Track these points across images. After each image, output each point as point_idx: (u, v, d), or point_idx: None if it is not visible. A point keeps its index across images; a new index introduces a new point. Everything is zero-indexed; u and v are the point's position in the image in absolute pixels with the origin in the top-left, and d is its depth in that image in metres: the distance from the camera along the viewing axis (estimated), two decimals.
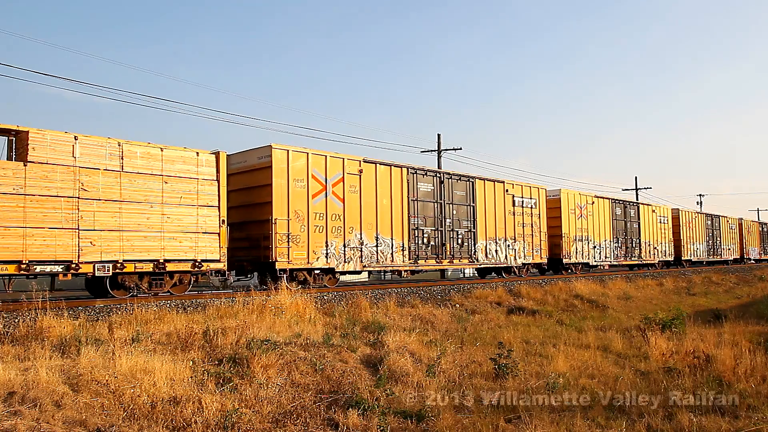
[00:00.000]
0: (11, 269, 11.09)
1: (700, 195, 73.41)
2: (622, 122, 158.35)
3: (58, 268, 11.64)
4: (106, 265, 12.16)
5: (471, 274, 28.02)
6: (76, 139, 12.06)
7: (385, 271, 19.19)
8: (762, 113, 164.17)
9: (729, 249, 44.99)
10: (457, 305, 15.73)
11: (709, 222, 41.75)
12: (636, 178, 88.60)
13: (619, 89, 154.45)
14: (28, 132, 11.46)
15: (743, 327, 13.65)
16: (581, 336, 12.79)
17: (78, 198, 11.91)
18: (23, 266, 11.13)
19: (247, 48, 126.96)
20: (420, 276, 23.63)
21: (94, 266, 12.02)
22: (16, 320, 9.10)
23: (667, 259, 35.07)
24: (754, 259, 50.18)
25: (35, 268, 11.32)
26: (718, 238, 43.07)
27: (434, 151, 33.92)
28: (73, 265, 11.79)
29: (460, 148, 34.09)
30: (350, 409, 7.36)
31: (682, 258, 36.86)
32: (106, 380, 6.95)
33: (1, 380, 6.53)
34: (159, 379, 7.17)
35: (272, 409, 7.31)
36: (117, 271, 12.36)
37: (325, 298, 13.88)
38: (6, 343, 8.17)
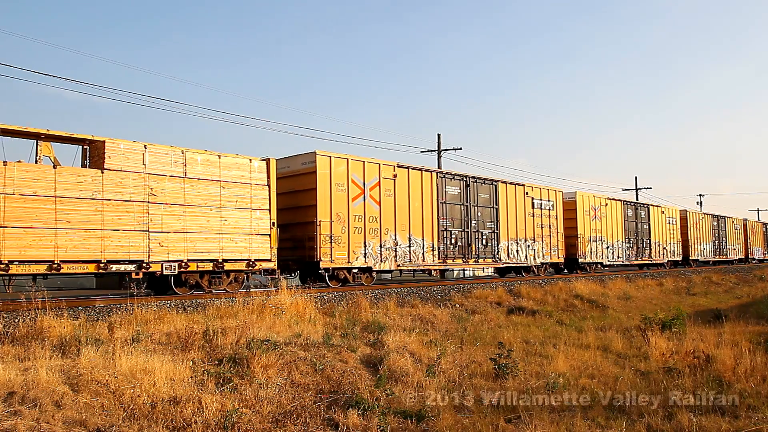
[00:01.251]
0: (91, 268, 12.13)
1: (701, 195, 73.46)
2: (622, 122, 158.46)
3: (131, 267, 12.64)
4: (172, 264, 13.20)
5: (491, 273, 28.77)
6: (145, 148, 13.02)
7: (416, 270, 19.91)
8: (762, 113, 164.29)
9: (734, 249, 46.05)
10: (457, 305, 15.73)
11: (715, 223, 42.61)
12: (636, 178, 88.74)
13: (619, 89, 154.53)
14: (104, 142, 12.40)
15: (743, 327, 13.65)
16: (581, 336, 12.79)
17: (148, 202, 12.91)
18: (102, 265, 12.15)
19: (247, 48, 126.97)
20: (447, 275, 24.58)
21: (162, 265, 13.02)
22: (16, 320, 9.10)
23: (675, 258, 36.05)
24: (758, 259, 50.94)
25: (112, 267, 12.33)
26: (724, 239, 44.05)
27: (434, 151, 33.93)
28: (144, 264, 12.77)
29: (460, 148, 34.16)
30: (350, 409, 7.36)
31: (690, 258, 37.81)
32: (106, 380, 6.95)
33: (1, 380, 6.53)
34: (159, 379, 7.17)
35: (272, 409, 7.31)
36: (182, 270, 13.39)
37: (325, 298, 13.88)
38: (6, 343, 8.17)
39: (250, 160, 14.81)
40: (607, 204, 29.38)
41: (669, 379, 9.04)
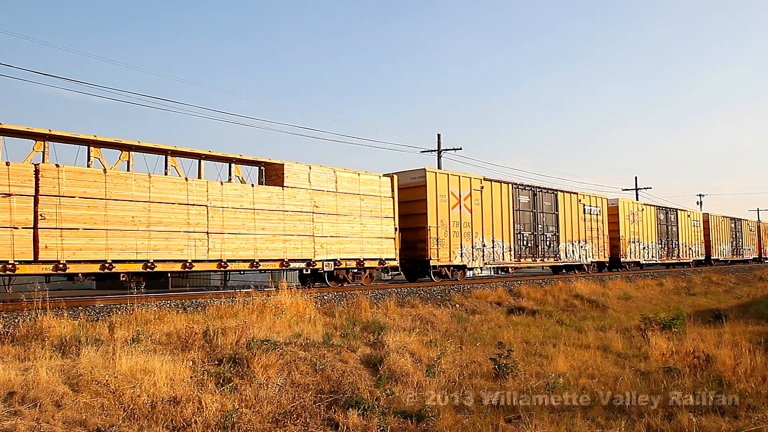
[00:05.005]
0: (277, 265, 15.22)
1: (700, 195, 73.35)
2: (622, 122, 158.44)
3: (302, 265, 15.75)
4: (330, 262, 16.39)
5: (546, 270, 31.29)
6: (310, 168, 16.10)
7: (498, 268, 23.02)
8: (762, 113, 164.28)
9: (749, 249, 49.86)
10: (457, 305, 15.73)
11: (733, 225, 46.53)
12: (636, 178, 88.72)
13: (619, 89, 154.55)
14: (282, 165, 15.49)
15: (743, 327, 13.63)
16: (581, 336, 12.78)
17: (312, 212, 15.98)
18: (284, 263, 15.30)
19: (247, 48, 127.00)
20: (518, 272, 27.39)
21: (323, 263, 16.20)
22: (16, 320, 9.09)
23: (699, 258, 39.79)
24: None
25: (291, 265, 15.46)
26: (740, 240, 47.77)
27: (434, 151, 33.93)
28: (311, 262, 15.90)
29: (460, 148, 34.24)
30: (350, 409, 7.36)
31: (711, 257, 41.60)
32: (106, 380, 6.94)
33: (1, 380, 6.52)
34: (159, 379, 7.16)
35: (272, 409, 7.31)
36: (336, 267, 16.56)
37: (325, 298, 13.89)
38: (6, 343, 8.17)
39: (380, 176, 18.10)
40: (642, 209, 33.00)
41: (669, 379, 9.04)
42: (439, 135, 34.20)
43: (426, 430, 7.17)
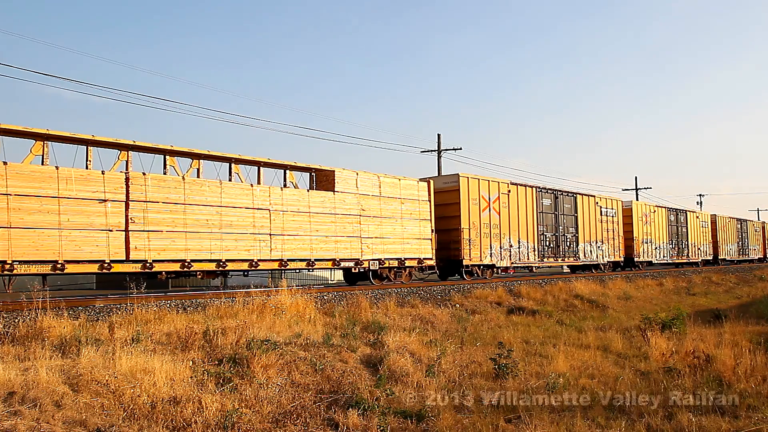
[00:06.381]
0: (329, 264, 16.56)
1: (700, 195, 73.46)
2: (622, 122, 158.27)
3: (351, 264, 16.97)
4: (375, 261, 17.61)
5: (565, 270, 32.38)
6: (357, 174, 17.34)
7: (523, 267, 24.19)
8: (762, 113, 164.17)
9: (754, 249, 52.00)
10: (457, 305, 15.73)
11: (739, 226, 47.80)
12: (636, 178, 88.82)
13: (619, 89, 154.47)
14: (333, 171, 16.70)
15: (743, 327, 13.62)
16: (581, 336, 12.79)
17: (360, 215, 17.17)
18: (336, 262, 16.53)
19: (247, 48, 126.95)
20: (542, 270, 29.52)
21: (369, 262, 17.41)
22: (16, 320, 9.09)
23: (707, 258, 40.85)
24: None
25: (342, 264, 16.72)
26: (746, 240, 49.02)
27: (434, 151, 33.93)
28: (359, 262, 17.10)
29: (460, 148, 34.28)
30: (350, 409, 7.36)
31: (719, 257, 42.62)
32: (106, 380, 6.94)
33: (1, 380, 6.52)
34: (159, 379, 7.16)
35: (272, 409, 7.31)
36: (380, 266, 17.78)
37: (325, 298, 13.89)
38: (6, 343, 8.17)
39: (417, 181, 19.33)
40: (654, 211, 34.33)
41: (669, 379, 9.04)
42: (439, 135, 34.27)
43: (426, 430, 7.17)
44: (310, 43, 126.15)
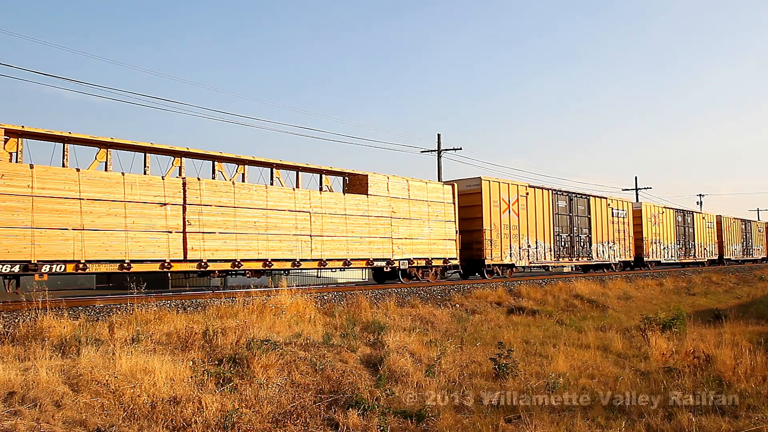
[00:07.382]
0: (363, 264, 17.38)
1: (700, 195, 73.43)
2: (622, 122, 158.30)
3: (383, 264, 17.74)
4: (404, 261, 18.36)
5: (574, 270, 33.14)
6: (388, 179, 18.13)
7: (540, 266, 25.18)
8: (762, 113, 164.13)
9: (758, 249, 52.09)
10: (457, 305, 15.73)
11: (743, 226, 48.65)
12: (636, 178, 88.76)
13: (619, 89, 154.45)
14: (367, 176, 17.54)
15: (743, 327, 13.62)
16: (581, 336, 12.78)
17: (391, 218, 17.98)
18: (369, 262, 17.37)
19: (246, 47, 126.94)
20: (557, 269, 30.48)
21: (399, 262, 18.15)
22: (16, 320, 9.09)
23: (713, 258, 41.86)
24: None
25: (374, 263, 17.51)
26: (750, 240, 49.97)
27: (434, 151, 33.91)
28: (390, 261, 17.87)
29: (460, 148, 34.21)
30: (350, 409, 7.36)
31: (724, 257, 43.41)
32: (106, 380, 6.94)
33: (1, 380, 6.52)
34: (159, 379, 7.16)
35: (272, 409, 7.31)
36: (409, 265, 18.53)
37: (325, 298, 13.89)
38: (6, 343, 8.17)
39: (443, 184, 20.27)
40: (663, 212, 35.30)
41: (669, 379, 9.03)
42: (439, 135, 34.28)
43: (426, 430, 7.17)
44: (310, 43, 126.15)
